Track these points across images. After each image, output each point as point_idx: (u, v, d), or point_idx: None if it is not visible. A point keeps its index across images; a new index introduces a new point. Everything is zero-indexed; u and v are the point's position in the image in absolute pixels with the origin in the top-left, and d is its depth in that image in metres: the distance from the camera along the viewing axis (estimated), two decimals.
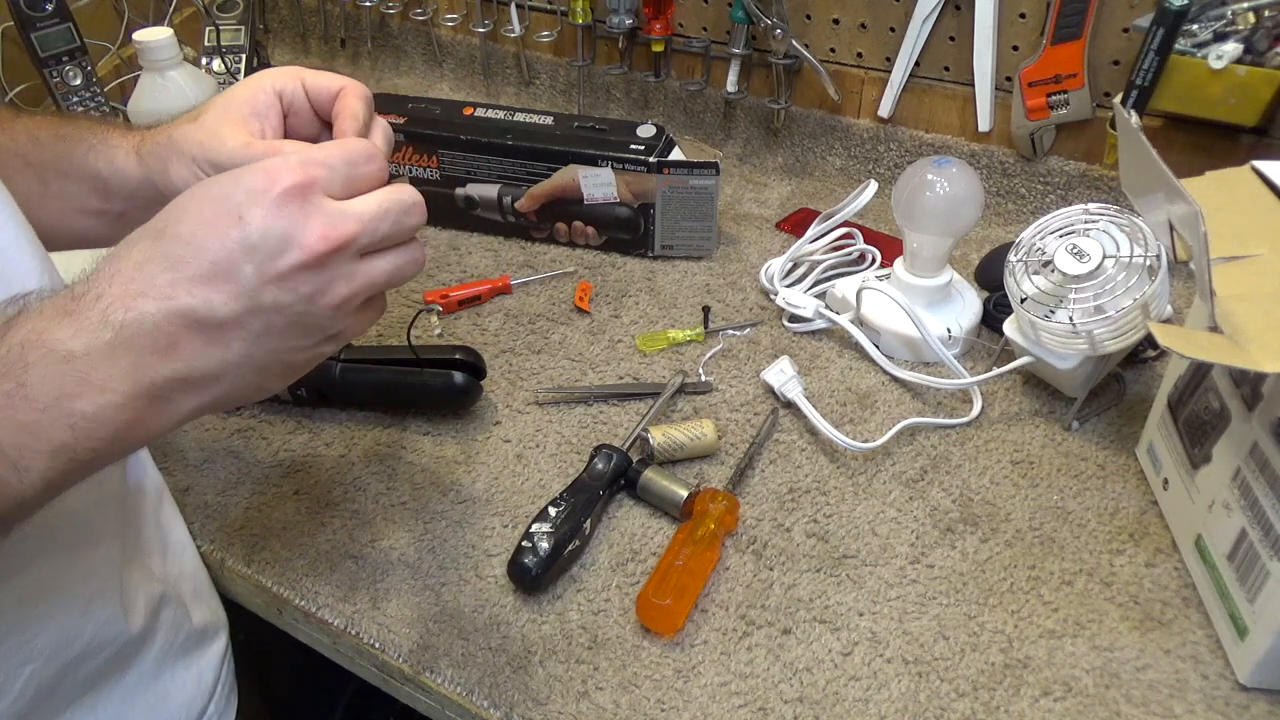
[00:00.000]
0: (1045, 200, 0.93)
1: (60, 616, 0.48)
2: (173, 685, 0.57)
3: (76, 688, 0.50)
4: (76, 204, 0.52)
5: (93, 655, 0.50)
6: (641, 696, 0.54)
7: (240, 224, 0.37)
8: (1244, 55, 0.76)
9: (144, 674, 0.55)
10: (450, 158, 0.92)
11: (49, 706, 0.49)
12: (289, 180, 0.38)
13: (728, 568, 0.61)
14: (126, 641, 0.52)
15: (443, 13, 1.19)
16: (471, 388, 0.71)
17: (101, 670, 0.51)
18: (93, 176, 0.51)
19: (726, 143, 1.08)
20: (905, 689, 0.54)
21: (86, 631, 0.49)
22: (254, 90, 0.49)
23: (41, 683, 0.47)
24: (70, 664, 0.49)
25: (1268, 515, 0.50)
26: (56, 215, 0.52)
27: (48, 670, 0.47)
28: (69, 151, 0.52)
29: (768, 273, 0.86)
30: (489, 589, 0.60)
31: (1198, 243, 0.50)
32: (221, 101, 0.49)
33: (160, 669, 0.56)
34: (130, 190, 0.51)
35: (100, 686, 0.52)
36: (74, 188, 0.52)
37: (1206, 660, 0.55)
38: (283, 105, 0.49)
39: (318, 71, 0.49)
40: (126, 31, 1.15)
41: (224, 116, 0.48)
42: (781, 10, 0.94)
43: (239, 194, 0.38)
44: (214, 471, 0.69)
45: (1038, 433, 0.70)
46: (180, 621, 0.57)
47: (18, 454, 0.34)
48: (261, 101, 0.49)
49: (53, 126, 0.53)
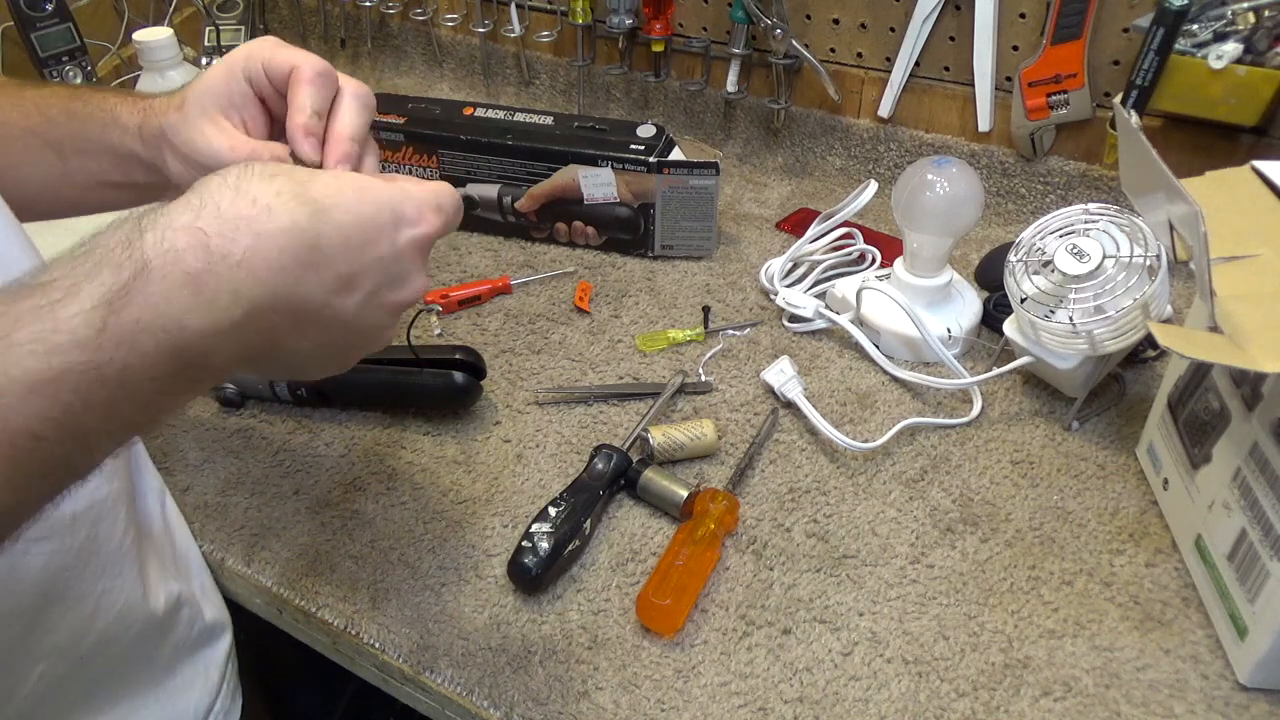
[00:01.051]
0: (1045, 200, 0.93)
1: (72, 614, 0.48)
2: (184, 682, 0.57)
3: (91, 683, 0.50)
4: (99, 178, 0.52)
5: (104, 651, 0.50)
6: (641, 696, 0.54)
7: (388, 244, 0.40)
8: (1244, 55, 0.76)
9: (158, 671, 0.55)
10: (450, 158, 0.92)
11: (62, 703, 0.49)
12: (433, 228, 0.42)
13: (728, 568, 0.61)
14: (140, 635, 0.53)
15: (443, 13, 1.19)
16: (471, 388, 0.71)
17: (115, 666, 0.52)
18: (111, 153, 0.51)
19: (726, 143, 1.08)
20: (905, 689, 0.54)
21: (98, 627, 0.49)
22: (226, 80, 0.48)
23: (54, 680, 0.47)
24: (82, 660, 0.49)
25: (1268, 515, 0.50)
26: (80, 189, 0.52)
27: (60, 667, 0.48)
28: (83, 130, 0.52)
29: (768, 273, 0.86)
30: (489, 589, 0.60)
31: (1198, 243, 0.50)
32: (199, 93, 0.49)
33: (174, 665, 0.56)
34: (142, 168, 0.51)
35: (113, 683, 0.52)
36: (94, 164, 0.52)
37: (1206, 660, 0.55)
38: (254, 90, 0.49)
39: (278, 48, 0.48)
40: (126, 31, 1.15)
41: (203, 112, 0.48)
42: (781, 10, 0.94)
43: (394, 214, 0.41)
44: (214, 471, 0.69)
45: (1038, 433, 0.70)
46: (194, 617, 0.58)
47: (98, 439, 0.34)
48: (236, 93, 0.48)
49: (62, 102, 0.52)
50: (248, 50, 0.49)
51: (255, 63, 0.48)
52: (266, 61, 0.48)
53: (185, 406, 0.39)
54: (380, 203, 0.40)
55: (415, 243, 0.41)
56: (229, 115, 0.48)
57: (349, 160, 0.46)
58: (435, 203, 0.42)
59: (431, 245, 0.43)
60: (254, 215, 0.35)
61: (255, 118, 0.50)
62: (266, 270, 0.35)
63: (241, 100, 0.49)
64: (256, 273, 0.35)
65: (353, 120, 0.47)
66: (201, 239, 0.34)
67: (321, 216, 0.37)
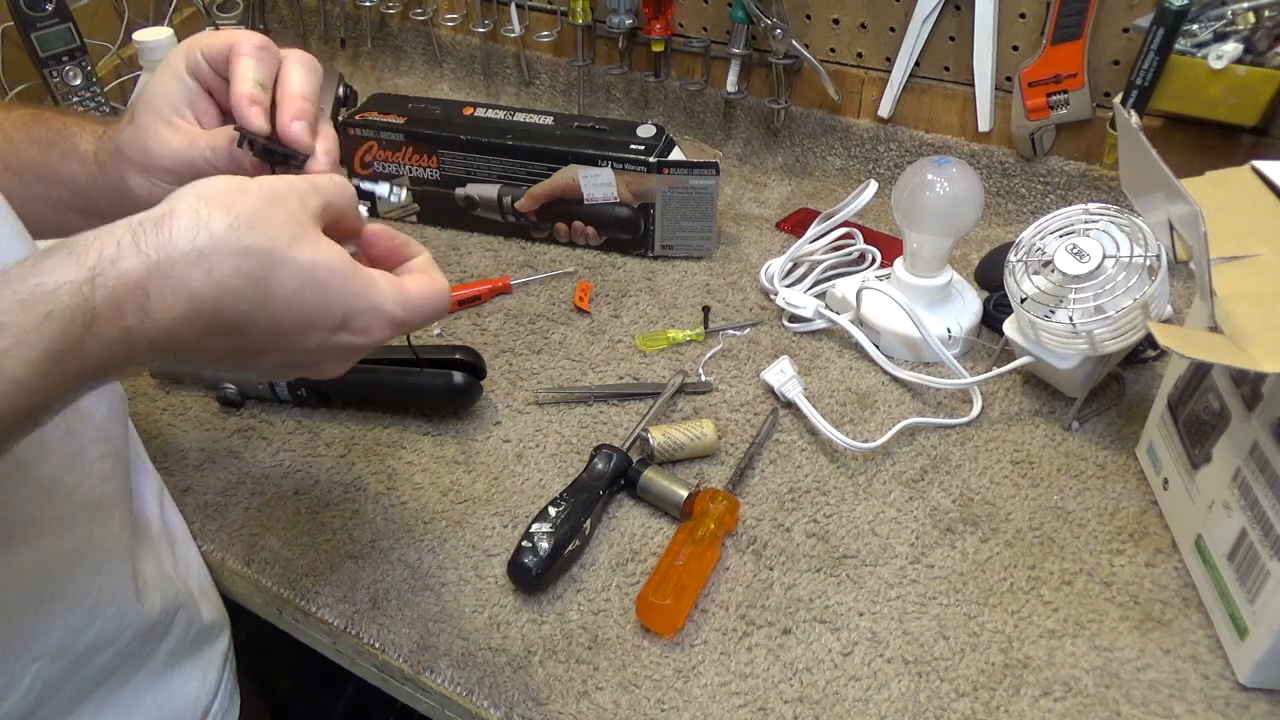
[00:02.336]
0: (1045, 200, 0.93)
1: (68, 613, 0.48)
2: (180, 683, 0.57)
3: (86, 684, 0.50)
4: (59, 205, 0.52)
5: (100, 651, 0.50)
6: (641, 696, 0.54)
7: (317, 340, 0.39)
8: (1244, 55, 0.76)
9: (154, 671, 0.55)
10: (450, 158, 0.92)
11: (57, 704, 0.49)
12: (373, 342, 0.41)
13: (728, 568, 0.61)
14: (137, 636, 0.52)
15: (443, 13, 1.19)
16: (471, 388, 0.71)
17: (111, 667, 0.51)
18: (70, 182, 0.51)
19: (726, 143, 1.08)
20: (905, 689, 0.54)
21: (93, 628, 0.49)
22: (170, 80, 0.48)
23: (48, 680, 0.47)
24: (77, 660, 0.49)
25: (1268, 515, 0.50)
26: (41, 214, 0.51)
27: (54, 668, 0.47)
28: (44, 157, 0.51)
29: (768, 273, 0.86)
30: (489, 589, 0.60)
31: (1198, 243, 0.50)
32: (146, 100, 0.48)
33: (170, 666, 0.56)
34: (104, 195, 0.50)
35: (109, 684, 0.52)
36: (55, 192, 0.52)
37: (1206, 660, 0.55)
38: (200, 83, 0.48)
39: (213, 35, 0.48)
40: (126, 31, 1.15)
41: (154, 117, 0.48)
42: (781, 10, 0.94)
43: (343, 318, 0.40)
44: (214, 471, 0.69)
45: (1038, 433, 0.70)
46: (192, 618, 0.58)
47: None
48: (182, 90, 0.48)
49: (24, 127, 0.52)
50: (185, 46, 0.48)
51: (195, 55, 0.48)
52: (205, 49, 0.47)
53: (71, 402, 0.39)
54: (331, 303, 0.39)
55: (345, 350, 0.41)
56: (181, 113, 0.48)
57: (305, 117, 0.45)
58: (400, 318, 0.41)
59: (363, 354, 0.42)
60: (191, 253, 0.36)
61: (206, 110, 0.49)
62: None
63: (190, 96, 0.48)
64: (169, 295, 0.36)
65: (302, 80, 0.46)
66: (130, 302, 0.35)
67: (263, 305, 0.37)
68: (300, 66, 0.46)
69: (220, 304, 0.36)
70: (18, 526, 0.44)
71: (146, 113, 0.48)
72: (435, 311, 0.43)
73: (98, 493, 0.49)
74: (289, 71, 0.46)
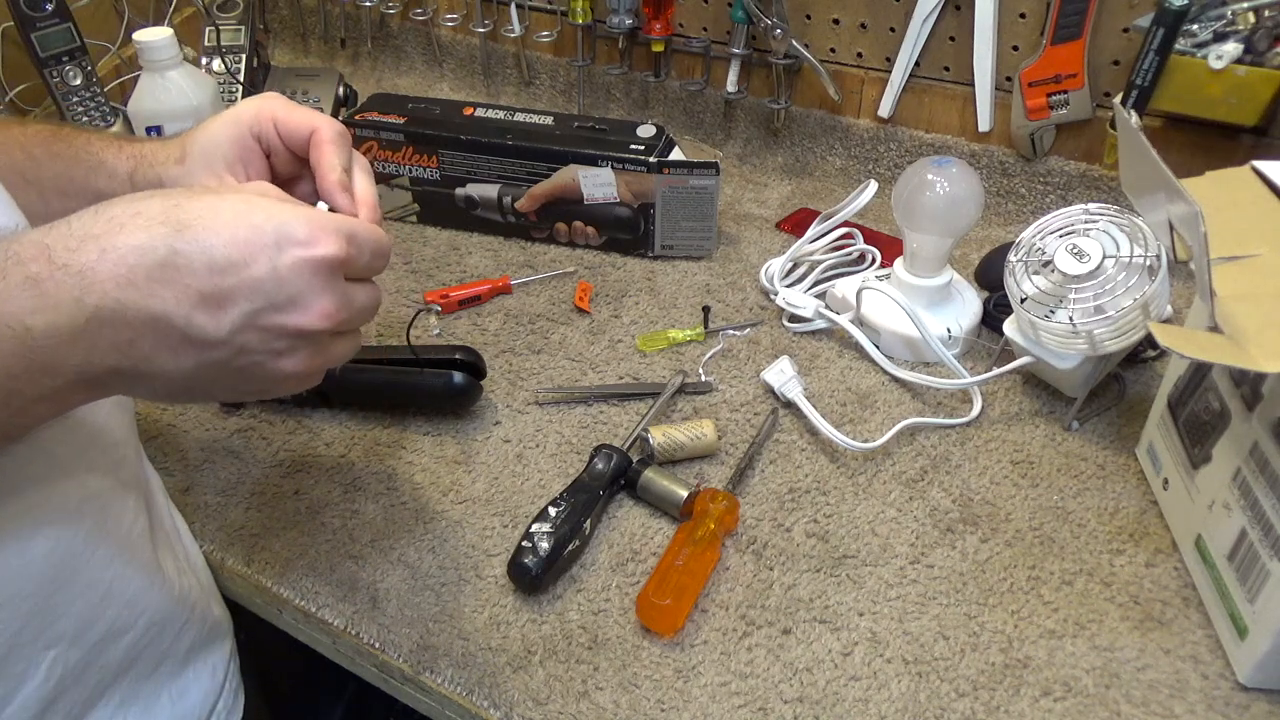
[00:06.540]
0: (1045, 200, 0.93)
1: (82, 600, 0.48)
2: (195, 678, 0.58)
3: (107, 674, 0.50)
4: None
5: (116, 639, 0.50)
6: (641, 696, 0.54)
7: (266, 264, 0.38)
8: (1244, 55, 0.76)
9: (175, 664, 0.56)
10: (450, 158, 0.92)
11: (78, 694, 0.49)
12: (329, 250, 0.40)
13: (728, 568, 0.61)
14: (153, 625, 0.53)
15: (443, 13, 1.19)
16: (471, 388, 0.71)
17: (130, 657, 0.52)
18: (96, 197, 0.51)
19: (726, 143, 1.08)
20: (905, 689, 0.54)
21: (108, 615, 0.50)
22: (233, 137, 0.49)
23: (67, 667, 0.47)
24: (95, 648, 0.49)
25: (1268, 515, 0.50)
26: None
27: (72, 654, 0.48)
28: (67, 172, 0.52)
29: (768, 273, 0.86)
30: (489, 589, 0.60)
31: (1198, 243, 0.50)
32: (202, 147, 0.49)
33: (186, 661, 0.57)
34: None
35: (131, 675, 0.52)
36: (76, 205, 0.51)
37: (1206, 660, 0.55)
38: (262, 147, 0.50)
39: (290, 108, 0.50)
40: (126, 31, 1.15)
41: (208, 166, 0.49)
42: (781, 10, 0.94)
43: (278, 235, 0.39)
44: (214, 471, 0.69)
45: (1038, 433, 0.70)
46: (204, 613, 0.58)
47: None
48: (236, 149, 0.49)
49: (45, 142, 0.53)
50: (257, 107, 0.50)
51: (266, 122, 0.49)
52: (280, 122, 0.49)
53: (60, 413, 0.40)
54: (258, 224, 0.38)
55: (304, 264, 0.39)
56: (231, 168, 0.49)
57: (376, 220, 0.47)
58: (341, 228, 0.40)
59: (335, 269, 0.40)
60: (104, 232, 0.36)
61: (260, 173, 0.50)
62: (111, 282, 0.36)
63: (248, 156, 0.50)
64: (101, 283, 0.36)
65: (367, 186, 0.49)
66: (44, 250, 0.36)
67: (182, 235, 0.37)
68: (366, 175, 0.49)
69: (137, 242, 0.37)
70: (29, 512, 0.44)
71: (198, 159, 0.49)
72: (369, 231, 0.42)
73: (108, 481, 0.50)
74: (358, 177, 0.49)
